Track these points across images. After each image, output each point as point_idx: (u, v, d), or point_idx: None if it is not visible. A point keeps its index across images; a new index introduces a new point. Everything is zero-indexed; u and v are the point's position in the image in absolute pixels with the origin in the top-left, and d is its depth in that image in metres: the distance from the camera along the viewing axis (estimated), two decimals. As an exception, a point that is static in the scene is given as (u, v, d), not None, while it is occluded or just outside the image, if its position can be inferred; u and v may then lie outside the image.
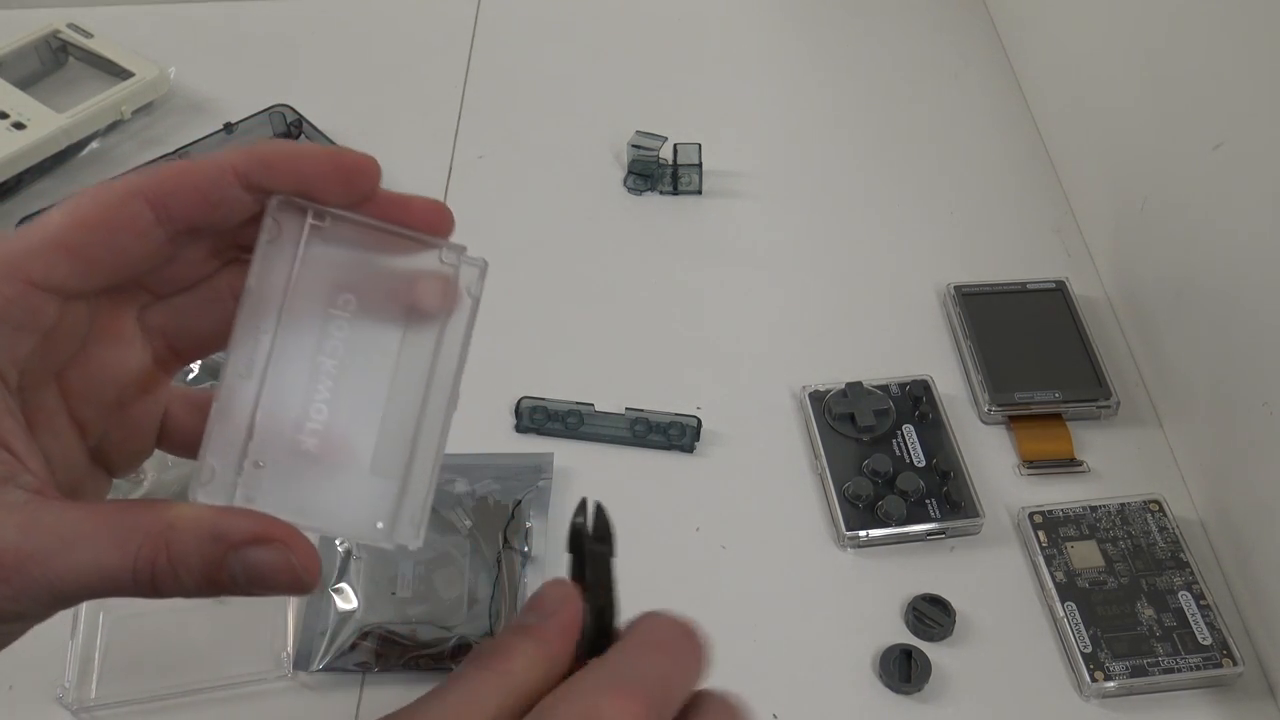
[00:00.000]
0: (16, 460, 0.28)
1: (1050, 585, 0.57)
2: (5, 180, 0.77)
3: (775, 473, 0.63)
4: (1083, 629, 0.55)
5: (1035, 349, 0.67)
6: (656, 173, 0.79)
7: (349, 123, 0.81)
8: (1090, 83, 0.75)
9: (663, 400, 0.66)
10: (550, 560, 0.59)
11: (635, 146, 0.79)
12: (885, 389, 0.65)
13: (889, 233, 0.76)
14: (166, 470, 0.62)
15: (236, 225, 0.30)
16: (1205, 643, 0.55)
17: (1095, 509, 0.60)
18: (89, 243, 0.29)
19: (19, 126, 0.78)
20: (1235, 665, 0.54)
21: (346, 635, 0.56)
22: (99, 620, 0.56)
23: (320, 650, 0.55)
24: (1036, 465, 0.63)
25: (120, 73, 0.83)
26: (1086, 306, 0.70)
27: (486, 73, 0.89)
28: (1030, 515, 0.60)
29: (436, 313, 0.31)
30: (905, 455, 0.62)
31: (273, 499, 0.29)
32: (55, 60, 0.87)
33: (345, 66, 0.89)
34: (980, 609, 0.57)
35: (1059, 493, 0.62)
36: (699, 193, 0.79)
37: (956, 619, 0.56)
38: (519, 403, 0.65)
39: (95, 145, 0.81)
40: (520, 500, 0.60)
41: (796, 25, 0.94)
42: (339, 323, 0.31)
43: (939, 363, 0.68)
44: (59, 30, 0.86)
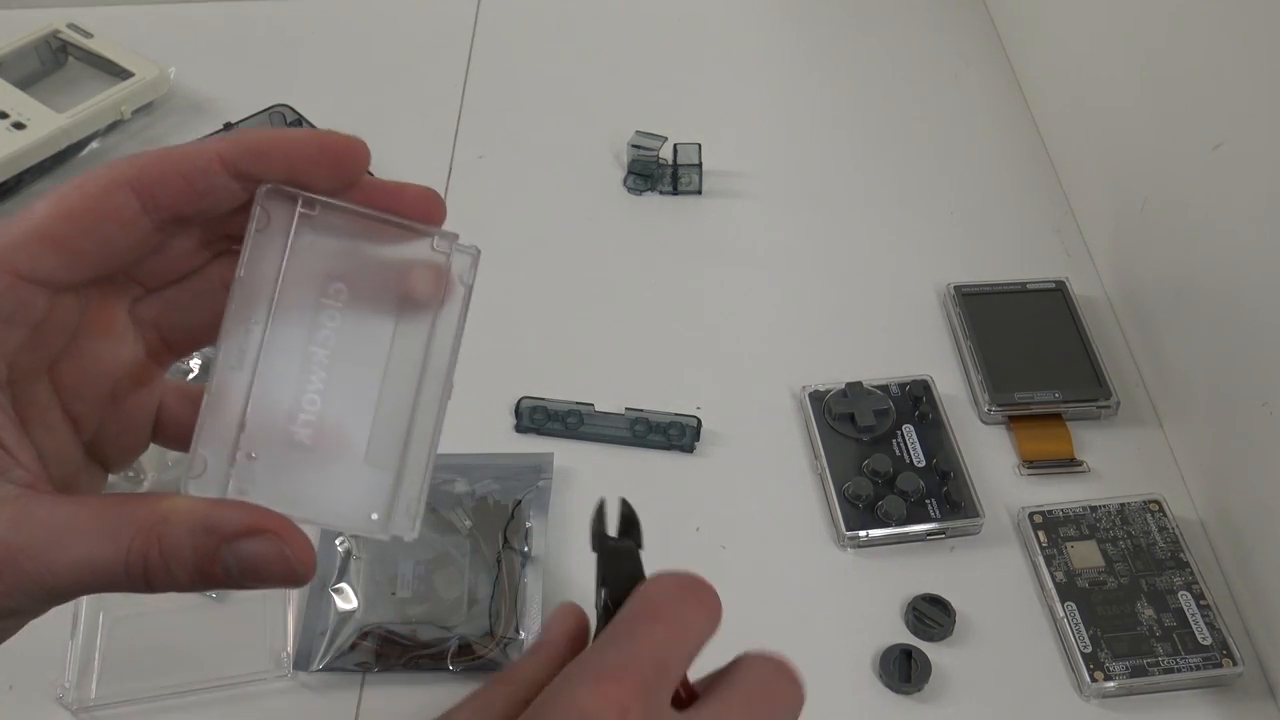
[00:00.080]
0: (7, 454, 0.28)
1: (1050, 585, 0.57)
2: (5, 180, 0.77)
3: (775, 473, 0.63)
4: (1083, 629, 0.55)
5: (1035, 349, 0.67)
6: (656, 173, 0.79)
7: (349, 123, 0.80)
8: (1090, 83, 0.75)
9: (663, 400, 0.66)
10: (550, 560, 0.59)
11: (635, 146, 0.79)
12: (885, 389, 0.65)
13: (889, 233, 0.76)
14: (166, 470, 0.62)
15: (225, 214, 0.30)
16: (1205, 643, 0.55)
17: (1095, 509, 0.60)
18: (74, 233, 0.28)
19: (19, 126, 0.78)
20: (1235, 665, 0.54)
21: (346, 635, 0.56)
22: (99, 620, 0.56)
23: (320, 650, 0.55)
24: (1036, 465, 0.63)
25: (120, 73, 0.83)
26: (1086, 306, 0.70)
27: (486, 73, 0.89)
28: (1030, 515, 0.60)
29: (429, 302, 0.31)
30: (905, 455, 0.62)
31: (266, 491, 0.29)
32: (55, 60, 0.87)
33: (345, 66, 0.89)
34: (980, 609, 0.57)
35: (1059, 493, 0.62)
36: (699, 193, 0.79)
37: (956, 619, 0.56)
38: (519, 403, 0.65)
39: (95, 145, 0.81)
40: (520, 500, 0.60)
41: (796, 25, 0.94)
42: (331, 312, 0.30)
43: (939, 363, 0.68)
44: (59, 30, 0.86)
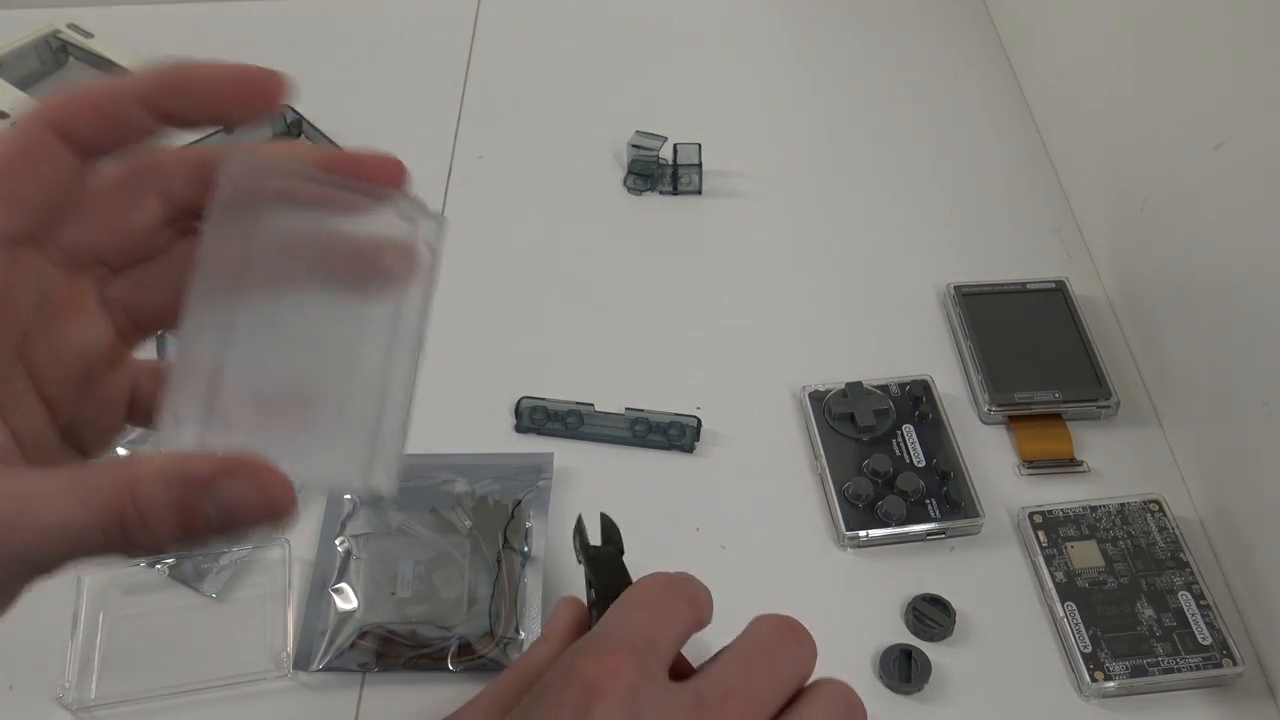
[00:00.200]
0: None
1: (1050, 585, 0.57)
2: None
3: (775, 473, 0.63)
4: (1083, 629, 0.55)
5: (1035, 349, 0.67)
6: (656, 173, 0.79)
7: (349, 123, 0.81)
8: (1090, 83, 0.75)
9: (663, 400, 0.66)
10: (550, 560, 0.59)
11: (635, 146, 0.79)
12: (885, 389, 0.65)
13: (889, 233, 0.76)
14: (166, 470, 0.62)
15: (138, 143, 0.30)
16: (1205, 643, 0.55)
17: (1095, 509, 0.60)
18: (5, 179, 0.29)
19: (19, 126, 0.78)
20: (1235, 665, 0.54)
21: (346, 635, 0.56)
22: (99, 620, 0.56)
23: (320, 650, 0.55)
24: (1036, 465, 0.63)
25: (120, 73, 0.83)
26: (1086, 306, 0.70)
27: (486, 73, 0.89)
28: (1030, 515, 0.60)
29: (398, 269, 0.32)
30: (905, 455, 0.62)
31: (239, 445, 0.28)
32: (55, 60, 0.87)
33: (345, 66, 0.89)
34: (980, 609, 0.57)
35: (1059, 493, 0.62)
36: (699, 193, 0.79)
37: (956, 619, 0.56)
38: (519, 403, 0.65)
39: (95, 145, 0.81)
40: (520, 500, 0.60)
41: (797, 25, 0.94)
42: (298, 280, 0.30)
43: (939, 363, 0.68)
44: (59, 30, 0.86)
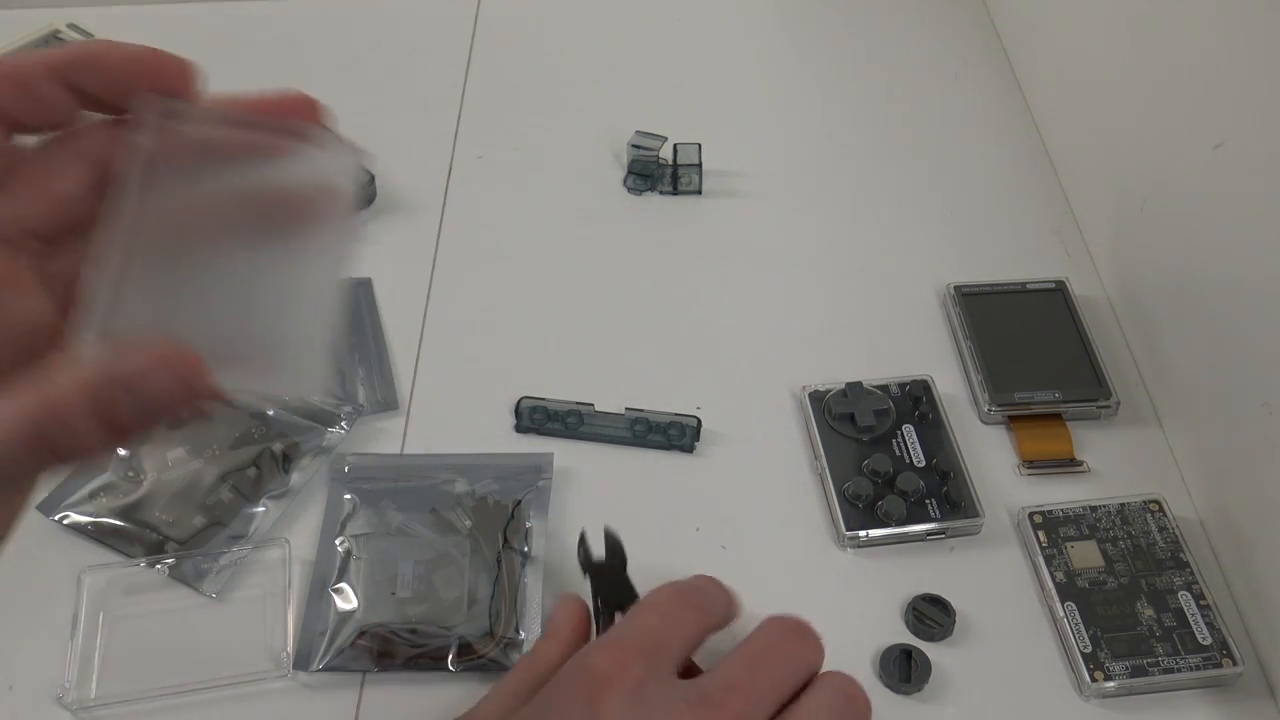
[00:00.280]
0: None
1: (1050, 585, 0.57)
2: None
3: (775, 473, 0.63)
4: (1083, 629, 0.55)
5: (1035, 349, 0.67)
6: (656, 173, 0.79)
7: (349, 123, 0.81)
8: (1090, 83, 0.75)
9: (663, 400, 0.66)
10: (550, 560, 0.59)
11: (635, 146, 0.79)
12: (885, 389, 0.65)
13: (889, 233, 0.76)
14: (166, 470, 0.62)
15: (59, 123, 0.31)
16: (1205, 643, 0.55)
17: (1095, 509, 0.60)
18: None
19: (19, 126, 0.78)
20: (1235, 665, 0.54)
21: (346, 635, 0.56)
22: (99, 620, 0.56)
23: (320, 650, 0.55)
24: (1036, 465, 0.63)
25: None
26: (1086, 306, 0.70)
27: (486, 73, 0.89)
28: (1030, 515, 0.60)
29: (320, 205, 0.32)
30: (905, 455, 0.62)
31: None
32: (55, 60, 0.87)
33: (345, 66, 0.89)
34: (980, 609, 0.57)
35: (1059, 493, 0.62)
36: (699, 193, 0.79)
37: (956, 619, 0.56)
38: (519, 403, 0.65)
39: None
40: (520, 500, 0.60)
41: (796, 25, 0.94)
42: (217, 216, 0.31)
43: (939, 363, 0.68)
44: (59, 30, 0.86)
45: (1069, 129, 0.79)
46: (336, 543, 0.59)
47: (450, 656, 0.55)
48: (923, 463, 0.62)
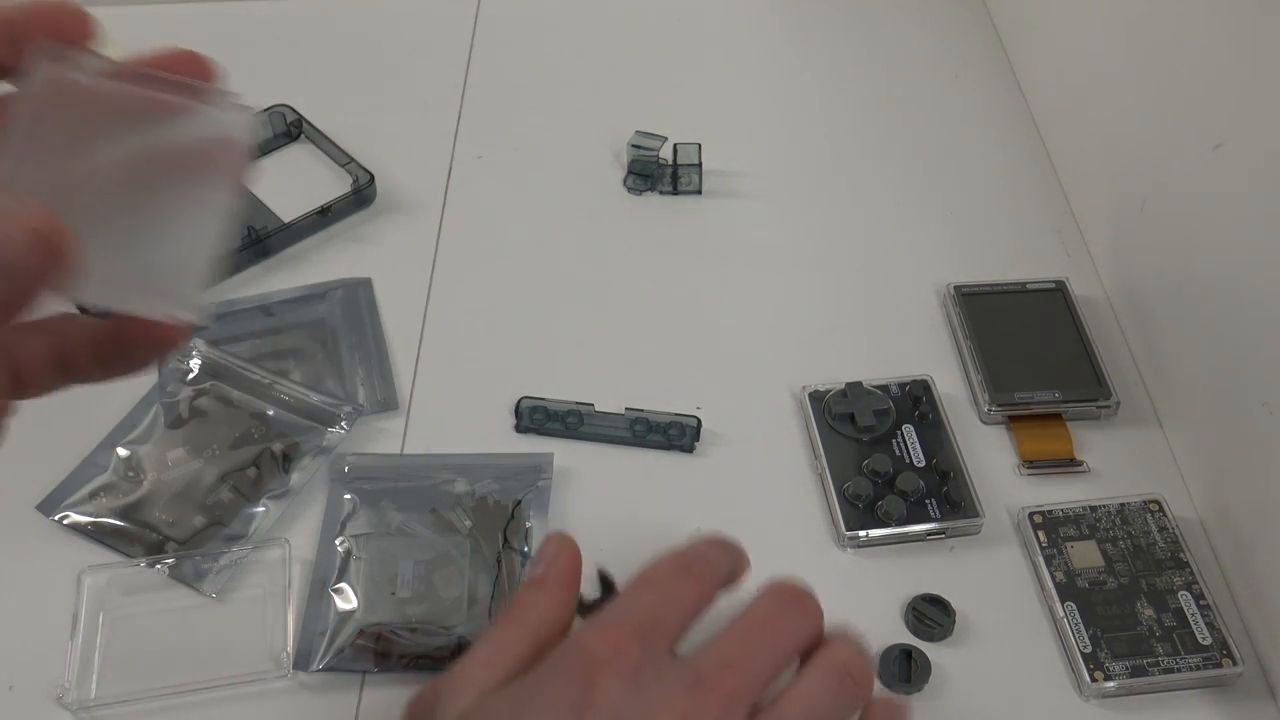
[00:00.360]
0: None
1: (1050, 585, 0.57)
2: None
3: (775, 473, 0.63)
4: (1083, 629, 0.55)
5: (1035, 349, 0.67)
6: (656, 173, 0.79)
7: (349, 123, 0.81)
8: (1090, 83, 0.75)
9: (663, 400, 0.66)
10: (550, 560, 0.59)
11: (635, 146, 0.79)
12: (885, 389, 0.65)
13: (889, 233, 0.76)
14: (166, 470, 0.62)
15: None
16: (1205, 643, 0.55)
17: (1095, 509, 0.60)
18: None
19: (19, 126, 0.78)
20: (1235, 665, 0.54)
21: (346, 635, 0.56)
22: (99, 620, 0.56)
23: (320, 650, 0.55)
24: (1036, 465, 0.63)
25: (120, 73, 0.83)
26: (1086, 306, 0.70)
27: (486, 73, 0.89)
28: (1030, 515, 0.60)
29: (214, 159, 0.33)
30: (905, 455, 0.62)
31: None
32: (55, 60, 0.87)
33: (345, 66, 0.89)
34: (980, 609, 0.57)
35: (1059, 493, 0.62)
36: (699, 193, 0.79)
37: (956, 619, 0.56)
38: (519, 403, 0.65)
39: (95, 145, 0.81)
40: (520, 500, 0.60)
41: (796, 25, 0.94)
42: (109, 161, 0.31)
43: (939, 363, 0.68)
44: (59, 30, 0.86)
45: (1069, 129, 0.79)
46: (336, 543, 0.59)
47: (450, 656, 0.55)
48: (923, 463, 0.62)
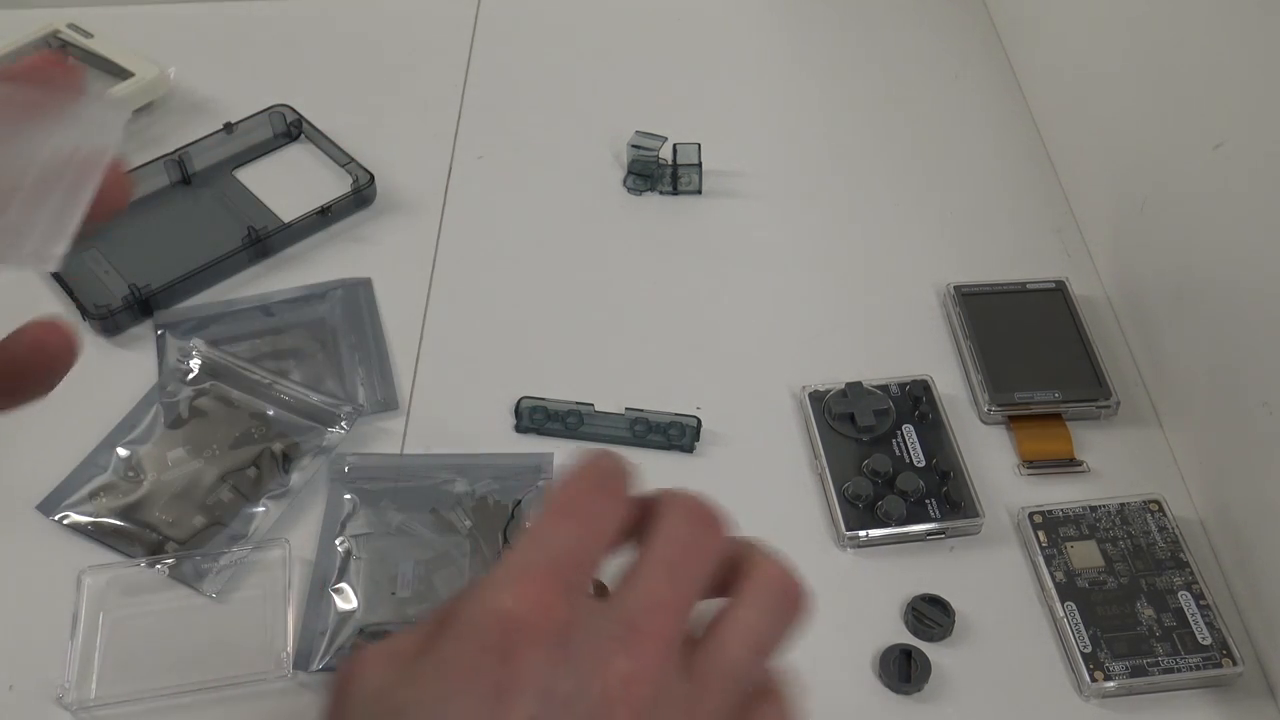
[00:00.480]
0: None
1: (1050, 585, 0.57)
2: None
3: (775, 473, 0.63)
4: (1082, 629, 0.55)
5: (1035, 349, 0.67)
6: (656, 173, 0.79)
7: (349, 123, 0.81)
8: (1090, 83, 0.75)
9: (662, 400, 0.66)
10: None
11: (635, 146, 0.79)
12: (885, 389, 0.65)
13: (889, 232, 0.76)
14: (166, 470, 0.62)
15: None
16: (1205, 643, 0.55)
17: (1095, 509, 0.60)
18: None
19: (19, 126, 0.78)
20: (1235, 665, 0.54)
21: (346, 635, 0.56)
22: (99, 620, 0.56)
23: (320, 650, 0.55)
24: (1036, 465, 0.63)
25: (120, 73, 0.83)
26: (1086, 306, 0.70)
27: (486, 73, 0.89)
28: (1030, 515, 0.60)
29: (95, 164, 0.32)
30: (905, 455, 0.62)
31: None
32: (55, 60, 0.87)
33: (345, 66, 0.89)
34: (980, 609, 0.57)
35: (1059, 493, 0.62)
36: (699, 193, 0.79)
37: (956, 619, 0.56)
38: (519, 403, 0.65)
39: (95, 145, 0.81)
40: (520, 500, 0.60)
41: (796, 25, 0.94)
42: None
43: (939, 363, 0.68)
44: (59, 30, 0.86)
45: (1069, 129, 0.79)
46: (336, 543, 0.59)
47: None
48: (923, 463, 0.62)
